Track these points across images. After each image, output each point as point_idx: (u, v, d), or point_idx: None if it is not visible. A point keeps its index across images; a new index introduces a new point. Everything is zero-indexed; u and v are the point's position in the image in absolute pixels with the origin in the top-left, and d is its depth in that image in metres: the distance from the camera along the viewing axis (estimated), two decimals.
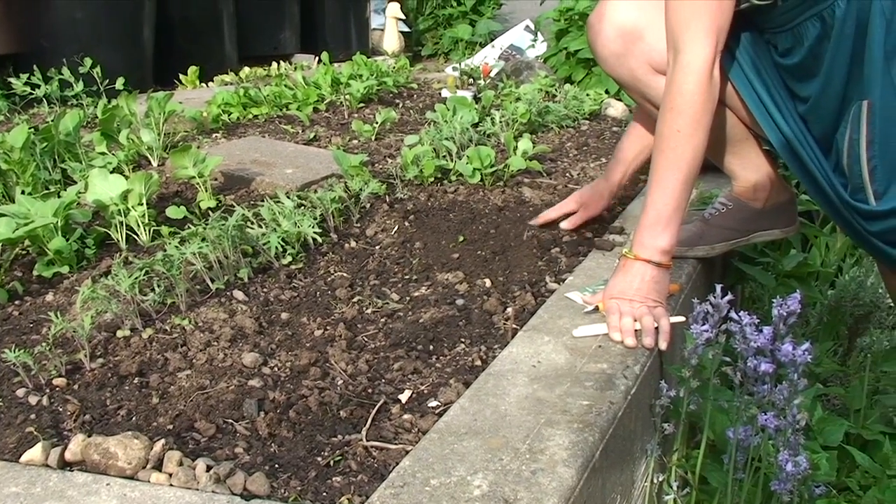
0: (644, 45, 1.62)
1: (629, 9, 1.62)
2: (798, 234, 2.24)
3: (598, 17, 1.67)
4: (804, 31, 1.46)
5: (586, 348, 1.38)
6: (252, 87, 3.65)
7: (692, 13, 1.42)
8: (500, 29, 6.68)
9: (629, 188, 2.46)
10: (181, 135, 2.96)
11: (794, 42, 1.49)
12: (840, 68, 1.44)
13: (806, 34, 1.46)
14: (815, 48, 1.46)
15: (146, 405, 1.30)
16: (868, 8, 1.37)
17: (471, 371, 1.37)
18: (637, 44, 1.62)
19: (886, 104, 1.39)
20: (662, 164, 1.45)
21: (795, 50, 1.50)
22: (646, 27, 1.61)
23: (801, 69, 1.51)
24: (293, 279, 1.79)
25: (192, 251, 1.66)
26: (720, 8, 1.42)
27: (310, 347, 1.47)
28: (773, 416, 1.19)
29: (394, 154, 2.84)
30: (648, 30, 1.60)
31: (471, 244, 1.94)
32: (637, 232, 1.48)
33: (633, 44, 1.63)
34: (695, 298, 1.39)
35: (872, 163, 1.43)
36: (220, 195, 2.33)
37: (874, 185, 1.45)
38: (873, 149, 1.43)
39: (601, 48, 1.68)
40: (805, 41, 1.47)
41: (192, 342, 1.49)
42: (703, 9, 1.41)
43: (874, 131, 1.42)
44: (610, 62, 1.69)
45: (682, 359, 1.35)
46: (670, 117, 1.44)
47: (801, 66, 1.51)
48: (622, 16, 1.63)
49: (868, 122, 1.42)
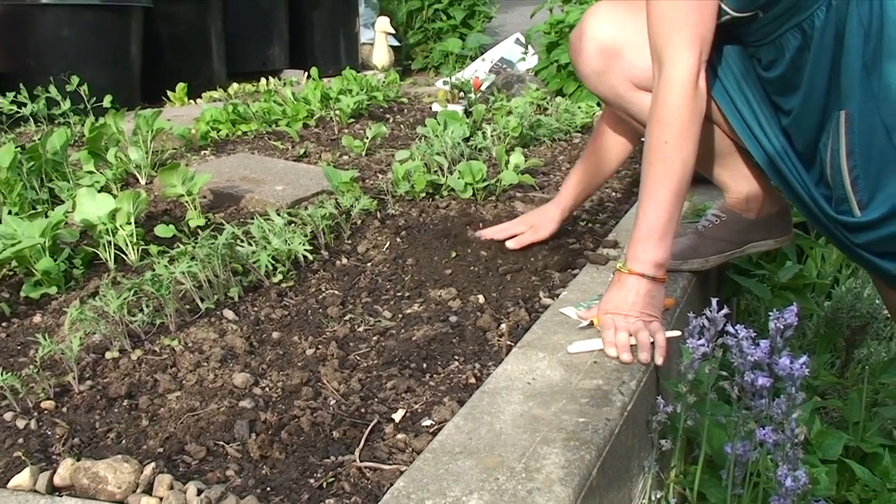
0: (624, 62, 1.63)
1: (608, 26, 1.64)
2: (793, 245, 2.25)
3: (579, 35, 1.69)
4: (785, 43, 1.48)
5: (581, 364, 1.37)
6: (241, 103, 3.66)
7: (674, 24, 1.43)
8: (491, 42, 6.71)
9: (624, 200, 2.46)
10: (169, 152, 2.95)
11: (777, 54, 1.51)
12: (820, 79, 1.45)
13: (787, 46, 1.48)
14: (796, 60, 1.47)
15: (136, 428, 1.29)
16: (846, 18, 1.38)
17: (465, 389, 1.37)
18: (617, 61, 1.64)
19: (865, 114, 1.40)
20: (652, 177, 1.45)
21: (778, 62, 1.51)
22: (625, 44, 1.62)
23: (783, 81, 1.52)
24: (284, 297, 1.78)
25: (181, 270, 1.66)
26: (702, 18, 1.43)
27: (301, 367, 1.47)
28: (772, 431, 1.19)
29: (385, 169, 2.84)
30: (628, 46, 1.62)
31: (463, 260, 1.94)
32: (630, 246, 1.48)
33: (613, 61, 1.64)
34: (690, 312, 1.39)
35: (854, 173, 1.44)
36: (210, 213, 2.32)
37: (857, 196, 1.46)
38: (853, 158, 1.44)
39: (583, 66, 1.70)
40: (786, 53, 1.48)
41: (181, 363, 1.48)
42: (685, 20, 1.42)
43: (853, 141, 1.43)
44: (591, 79, 1.70)
45: (679, 374, 1.35)
46: (657, 129, 1.45)
47: (783, 79, 1.52)
48: (602, 33, 1.64)
49: (847, 132, 1.43)
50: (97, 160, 2.59)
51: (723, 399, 1.40)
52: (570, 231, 2.14)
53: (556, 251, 1.97)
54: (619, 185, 2.67)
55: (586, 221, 2.24)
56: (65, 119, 3.36)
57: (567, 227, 2.19)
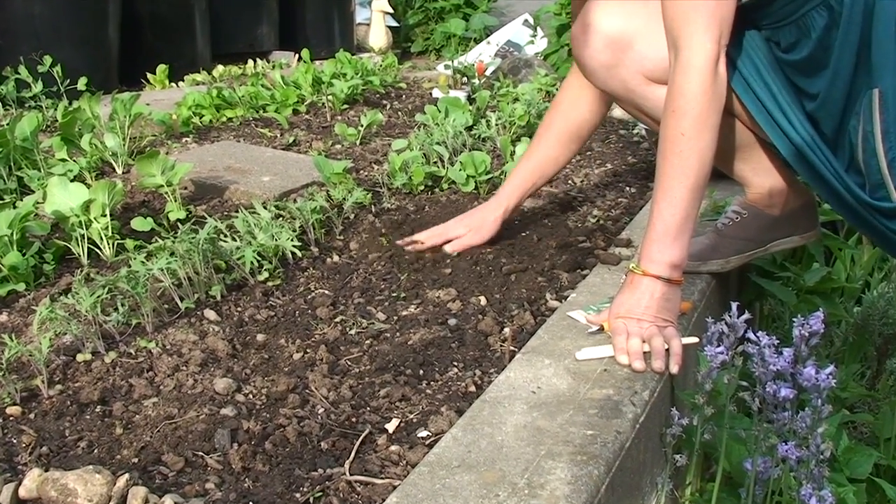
0: (635, 54, 1.62)
1: (615, 16, 1.62)
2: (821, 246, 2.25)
3: (583, 27, 1.67)
4: (811, 22, 1.47)
5: (590, 372, 1.37)
6: (226, 87, 3.65)
7: (691, 6, 1.42)
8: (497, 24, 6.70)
9: (638, 196, 2.46)
10: (148, 139, 2.95)
11: (800, 35, 1.50)
12: (848, 58, 1.45)
13: (813, 25, 1.47)
14: (823, 39, 1.47)
15: (109, 436, 1.29)
16: None
17: (464, 398, 1.37)
18: (627, 53, 1.63)
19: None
20: (668, 172, 1.45)
21: (802, 43, 1.51)
22: (635, 35, 1.61)
23: (809, 63, 1.52)
24: (270, 297, 1.78)
25: (159, 267, 1.66)
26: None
27: (288, 372, 1.47)
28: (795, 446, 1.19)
29: (380, 160, 2.84)
30: (638, 37, 1.61)
31: (464, 259, 1.94)
32: (644, 245, 1.48)
33: (622, 53, 1.63)
34: (709, 317, 1.39)
35: (890, 155, 1.44)
36: (191, 205, 2.32)
37: (895, 179, 1.46)
38: (889, 139, 1.43)
39: (589, 60, 1.68)
40: (812, 32, 1.48)
41: (159, 367, 1.48)
42: (703, 1, 1.42)
43: (889, 120, 1.42)
44: (600, 75, 1.69)
45: (696, 384, 1.35)
46: (673, 120, 1.44)
47: (809, 60, 1.51)
48: (609, 24, 1.62)
49: (881, 110, 1.43)
50: (70, 147, 2.59)
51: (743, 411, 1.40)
52: (579, 228, 2.14)
53: (564, 250, 1.97)
54: (632, 178, 2.67)
55: (597, 218, 2.24)
56: (36, 103, 3.36)
57: (577, 223, 2.19)
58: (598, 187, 2.58)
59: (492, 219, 2.00)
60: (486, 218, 2.00)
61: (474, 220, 2.02)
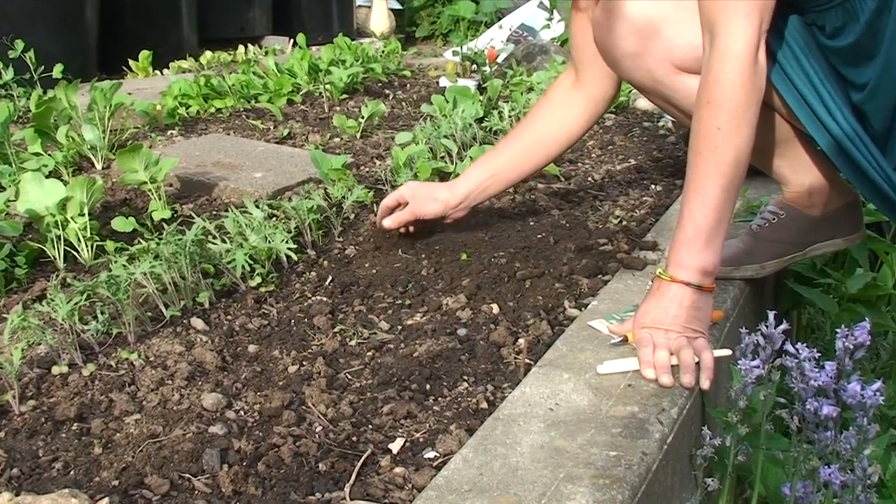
0: (663, 42, 1.62)
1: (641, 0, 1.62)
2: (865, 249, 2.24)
3: (606, 12, 1.66)
4: (858, 6, 1.47)
5: (613, 388, 1.37)
6: (215, 75, 3.66)
7: None
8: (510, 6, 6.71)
9: (665, 194, 2.46)
10: (130, 132, 2.96)
11: (847, 19, 1.50)
12: None
13: (861, 8, 1.47)
14: (872, 24, 1.46)
15: (87, 456, 1.29)
16: None
17: (475, 415, 1.37)
18: (654, 40, 1.62)
19: None
20: (701, 169, 1.45)
21: (849, 28, 1.50)
22: (663, 20, 1.60)
23: (856, 50, 1.51)
24: (263, 304, 1.78)
25: (142, 271, 1.66)
26: None
27: (282, 387, 1.47)
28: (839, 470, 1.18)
29: (383, 155, 2.84)
30: (666, 23, 1.60)
31: (475, 262, 1.94)
32: (673, 249, 1.48)
33: (649, 40, 1.63)
34: (742, 327, 1.39)
35: None
36: (177, 204, 2.32)
37: None
38: None
39: (612, 49, 1.68)
40: (860, 16, 1.47)
41: (141, 380, 1.48)
42: None
43: None
44: (624, 64, 1.69)
45: (728, 400, 1.34)
46: (708, 113, 1.44)
47: (856, 47, 1.51)
48: (635, 9, 1.62)
49: None
50: (45, 140, 2.59)
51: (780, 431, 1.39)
52: (600, 230, 2.14)
53: (584, 253, 1.97)
54: (658, 175, 2.67)
55: (620, 219, 2.24)
56: (7, 91, 3.37)
57: (597, 224, 2.19)
58: (620, 185, 2.58)
59: (436, 198, 2.01)
60: (430, 194, 2.02)
61: (421, 189, 2.03)
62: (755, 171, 1.74)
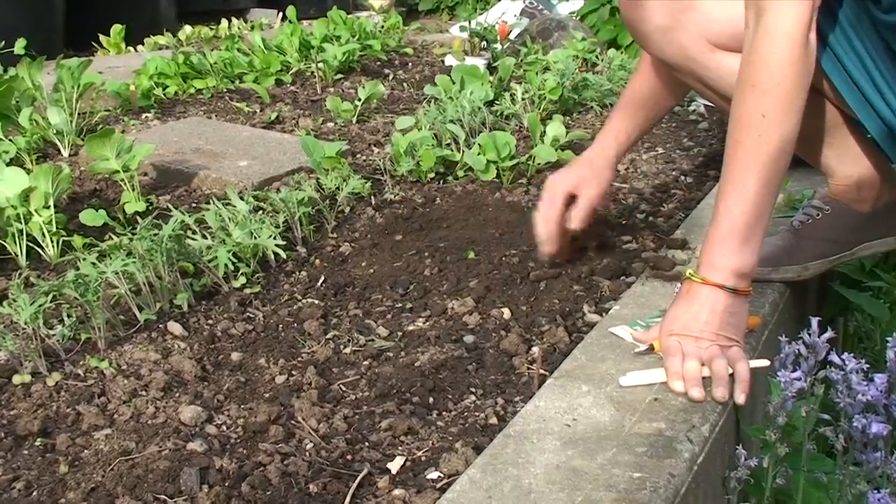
0: (697, 16, 1.62)
1: None
2: None
3: None
4: None
5: (638, 402, 1.37)
6: (195, 52, 3.66)
7: None
8: None
9: (695, 186, 2.46)
10: (101, 115, 2.96)
11: None
12: None
13: None
14: None
15: (51, 475, 1.29)
16: None
17: (484, 431, 1.37)
18: (689, 14, 1.62)
19: None
20: (740, 160, 1.45)
21: None
22: None
23: None
24: (247, 307, 1.78)
25: (113, 270, 1.66)
26: None
27: (269, 399, 1.47)
28: (889, 495, 1.18)
29: (382, 141, 2.84)
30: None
31: (484, 261, 1.94)
32: (705, 247, 1.48)
33: (683, 14, 1.63)
34: (782, 335, 1.38)
35: None
36: (152, 195, 2.33)
37: None
38: None
39: (642, 22, 1.68)
40: None
41: (112, 391, 1.49)
42: None
43: None
44: (654, 40, 1.69)
45: (766, 416, 1.34)
46: (752, 98, 1.44)
47: None
48: None
49: None
50: (5, 124, 2.60)
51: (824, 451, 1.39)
52: (624, 226, 2.14)
53: (604, 252, 1.97)
54: (689, 165, 2.66)
55: (646, 214, 2.24)
56: None
57: (621, 220, 2.19)
58: (646, 176, 2.58)
59: (605, 157, 1.91)
60: (594, 161, 1.91)
61: (582, 169, 1.91)
62: (797, 161, 1.74)
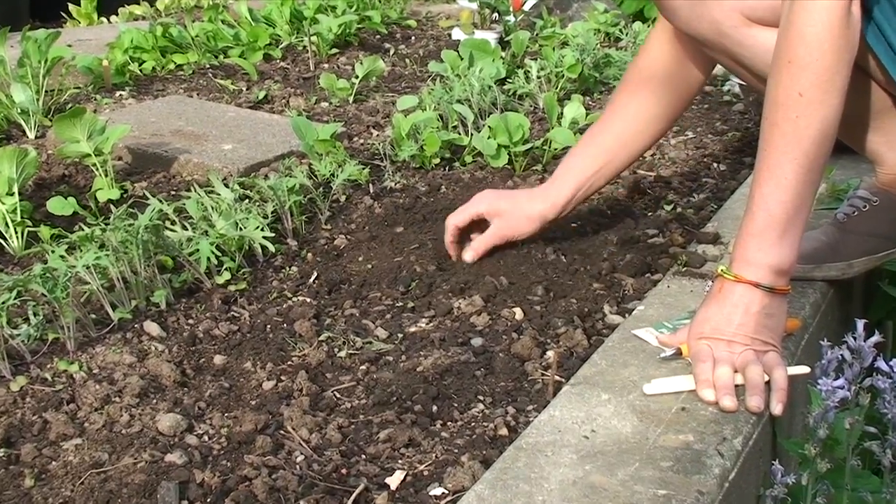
0: None
1: None
2: None
3: None
4: None
5: (663, 412, 1.37)
6: (174, 23, 3.66)
7: None
8: None
9: (729, 175, 2.45)
10: (70, 93, 2.97)
11: None
12: None
13: None
14: None
15: (15, 490, 1.29)
16: None
17: (492, 444, 1.37)
18: None
19: None
20: (777, 144, 1.45)
21: None
22: None
23: None
24: (232, 306, 1.79)
25: (84, 264, 1.66)
26: None
27: (256, 407, 1.47)
28: None
29: (381, 123, 2.84)
30: None
31: (493, 256, 1.93)
32: (739, 241, 1.48)
33: None
34: (824, 339, 1.39)
35: None
36: (127, 182, 2.33)
37: None
38: None
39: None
40: None
41: (83, 397, 1.49)
42: None
43: None
44: (682, 14, 1.69)
45: (806, 429, 1.34)
46: (788, 76, 1.44)
47: None
48: None
49: None
50: None
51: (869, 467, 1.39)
52: (649, 218, 2.14)
53: (627, 246, 1.97)
54: (722, 152, 2.66)
55: (673, 204, 2.24)
56: None
57: (646, 211, 2.19)
58: (674, 163, 2.58)
59: (529, 215, 1.92)
60: (522, 207, 1.93)
61: (506, 202, 1.94)
62: (842, 148, 1.74)
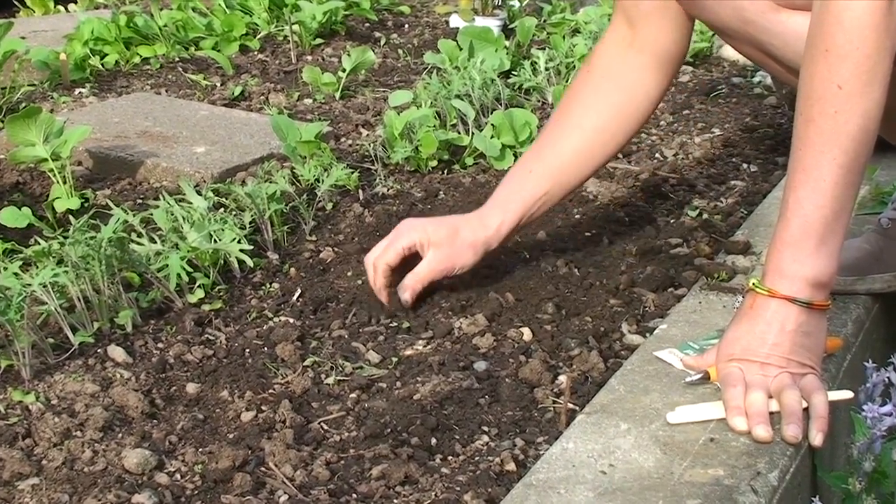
0: None
1: None
2: None
3: None
4: None
5: (689, 443, 1.37)
6: (140, 11, 3.67)
7: None
8: None
9: (760, 177, 2.46)
10: (24, 91, 2.97)
11: None
12: None
13: None
14: None
15: None
16: None
17: (499, 480, 1.37)
18: None
19: None
20: (813, 142, 1.45)
21: None
22: None
23: None
24: (206, 328, 1.79)
25: (40, 282, 1.66)
26: None
27: (234, 441, 1.47)
28: None
29: (372, 122, 2.84)
30: None
31: (497, 270, 1.94)
32: (772, 251, 1.48)
33: None
34: (869, 360, 1.39)
35: None
36: (88, 189, 2.33)
37: None
38: None
39: None
40: None
41: (40, 431, 1.49)
42: None
43: None
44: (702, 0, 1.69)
45: (849, 461, 1.34)
46: (825, 65, 1.44)
47: None
48: None
49: None
50: None
51: None
52: (672, 226, 2.14)
53: (649, 258, 1.97)
54: (752, 151, 2.67)
55: (699, 211, 2.24)
56: None
57: (668, 218, 2.19)
58: (700, 164, 2.58)
59: (474, 240, 1.86)
60: (462, 235, 1.86)
61: (442, 231, 1.86)
62: (885, 145, 1.74)
